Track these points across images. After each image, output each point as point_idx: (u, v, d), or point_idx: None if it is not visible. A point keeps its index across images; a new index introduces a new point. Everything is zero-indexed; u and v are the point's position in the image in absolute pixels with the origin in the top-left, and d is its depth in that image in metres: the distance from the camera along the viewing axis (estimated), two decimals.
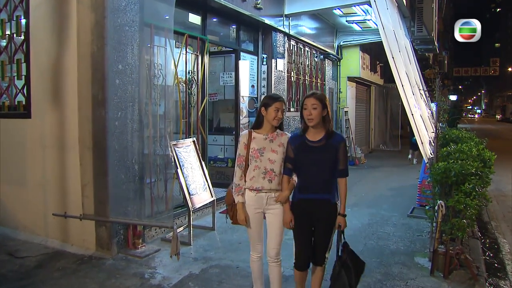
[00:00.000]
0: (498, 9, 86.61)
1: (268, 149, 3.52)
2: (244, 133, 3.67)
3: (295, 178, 3.56)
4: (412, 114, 5.22)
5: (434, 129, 4.99)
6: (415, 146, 11.06)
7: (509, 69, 63.35)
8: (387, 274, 4.67)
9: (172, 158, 5.51)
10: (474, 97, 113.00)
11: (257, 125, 3.63)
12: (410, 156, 13.76)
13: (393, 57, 5.17)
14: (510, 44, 75.03)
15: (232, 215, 3.71)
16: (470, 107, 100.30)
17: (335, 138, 3.44)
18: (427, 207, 5.09)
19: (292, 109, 10.39)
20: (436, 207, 4.58)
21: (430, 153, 5.51)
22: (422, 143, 5.27)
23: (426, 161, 5.29)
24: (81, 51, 5.10)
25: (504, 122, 58.70)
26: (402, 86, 5.17)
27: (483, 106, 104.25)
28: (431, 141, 5.98)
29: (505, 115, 66.11)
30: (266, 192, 3.55)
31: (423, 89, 7.72)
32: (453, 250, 4.54)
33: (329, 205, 3.45)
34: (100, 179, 5.11)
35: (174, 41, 6.59)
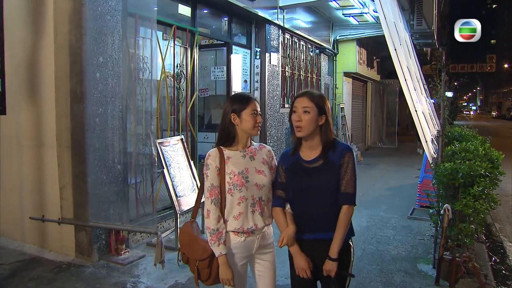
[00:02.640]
0: (494, 5, 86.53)
1: (252, 170, 2.53)
2: (212, 152, 2.55)
3: (288, 207, 2.60)
4: (416, 111, 4.87)
5: (440, 127, 4.64)
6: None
7: (505, 65, 63.25)
8: (389, 283, 4.34)
9: (156, 157, 5.13)
10: (470, 94, 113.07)
11: (228, 140, 2.57)
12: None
13: (395, 49, 4.81)
14: (507, 41, 75.01)
15: (209, 275, 2.55)
16: (465, 103, 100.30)
17: (336, 151, 2.45)
18: (431, 211, 4.75)
19: (286, 105, 10.04)
20: (441, 211, 4.23)
21: (434, 152, 5.17)
22: (426, 141, 4.91)
23: (430, 161, 4.94)
24: (58, 42, 4.73)
25: (500, 119, 58.59)
26: (405, 80, 4.82)
27: (478, 103, 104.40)
28: (433, 139, 5.66)
29: (501, 111, 66.01)
30: (258, 234, 2.57)
31: (424, 84, 7.38)
32: (460, 257, 4.20)
33: (343, 247, 2.45)
34: (80, 180, 4.76)
35: (161, 32, 6.24)
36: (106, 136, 4.87)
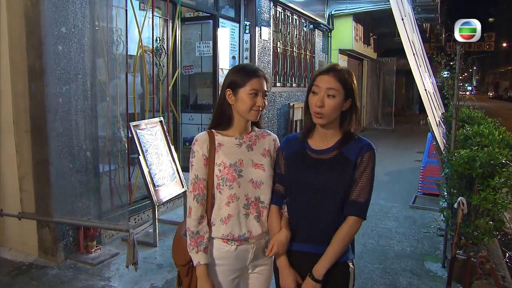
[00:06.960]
0: None
1: (248, 162, 2.00)
2: (199, 137, 2.02)
3: (285, 209, 2.03)
4: (425, 90, 4.29)
5: (454, 109, 4.06)
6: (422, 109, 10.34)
7: (504, 44, 62.54)
8: (394, 286, 3.81)
9: (125, 143, 4.53)
10: (465, 74, 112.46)
11: (223, 122, 2.04)
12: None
13: (402, 19, 4.21)
14: (505, 20, 74.01)
15: (188, 285, 2.05)
16: (461, 83, 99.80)
17: (354, 145, 1.89)
18: (440, 203, 4.21)
19: (278, 84, 9.41)
20: (455, 205, 3.67)
21: (442, 136, 4.60)
22: (437, 125, 4.34)
23: (442, 147, 4.37)
24: (11, 8, 4.07)
25: (497, 99, 58.10)
26: (413, 54, 4.23)
27: (474, 83, 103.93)
28: (441, 121, 5.10)
29: (498, 92, 65.47)
30: (254, 242, 2.03)
31: (426, 60, 6.79)
32: (475, 257, 3.66)
33: (338, 265, 1.88)
34: (41, 169, 4.17)
35: (138, 1, 5.57)
36: (71, 119, 4.24)
